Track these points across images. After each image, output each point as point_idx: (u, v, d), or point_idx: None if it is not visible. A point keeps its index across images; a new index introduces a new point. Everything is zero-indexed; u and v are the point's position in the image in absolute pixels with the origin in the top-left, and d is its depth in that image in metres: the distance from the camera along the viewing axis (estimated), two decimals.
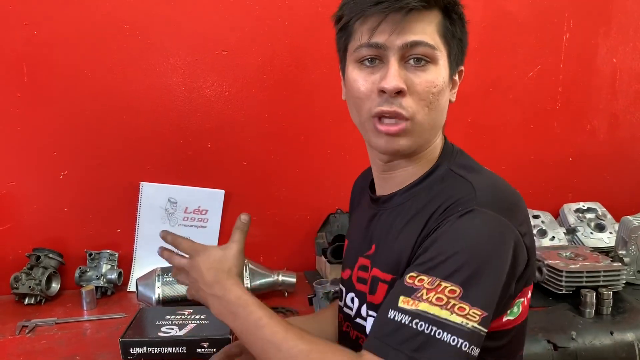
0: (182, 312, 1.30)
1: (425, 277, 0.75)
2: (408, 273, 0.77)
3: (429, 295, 0.73)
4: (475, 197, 0.80)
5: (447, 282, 0.73)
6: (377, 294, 0.88)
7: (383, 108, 0.83)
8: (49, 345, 1.26)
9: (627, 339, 1.26)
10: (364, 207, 1.05)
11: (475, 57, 1.80)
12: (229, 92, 1.65)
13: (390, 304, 0.76)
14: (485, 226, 0.78)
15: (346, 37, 0.89)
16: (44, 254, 1.53)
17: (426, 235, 0.81)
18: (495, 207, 0.79)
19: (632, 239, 1.53)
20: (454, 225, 0.78)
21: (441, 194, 0.85)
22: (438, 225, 0.80)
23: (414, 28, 0.81)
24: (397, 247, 0.87)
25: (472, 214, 0.78)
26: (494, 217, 0.78)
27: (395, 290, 0.78)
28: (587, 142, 1.96)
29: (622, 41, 1.90)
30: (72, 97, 1.56)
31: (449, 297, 0.73)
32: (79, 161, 1.59)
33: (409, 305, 0.74)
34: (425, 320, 0.72)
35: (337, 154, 1.73)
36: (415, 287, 0.75)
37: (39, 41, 1.51)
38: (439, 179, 0.89)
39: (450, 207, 0.81)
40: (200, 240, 1.66)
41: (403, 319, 0.73)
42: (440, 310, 0.72)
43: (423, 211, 0.85)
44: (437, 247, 0.77)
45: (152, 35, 1.58)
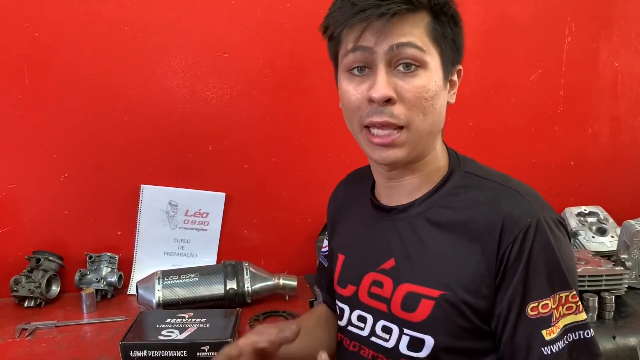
0: (182, 315, 1.30)
1: (547, 300, 0.80)
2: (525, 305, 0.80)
3: (559, 311, 0.80)
4: (531, 205, 0.83)
5: (564, 292, 0.81)
6: (419, 312, 0.86)
7: (373, 119, 0.83)
8: (48, 348, 1.25)
9: (630, 344, 1.26)
10: (361, 217, 1.01)
11: (477, 61, 1.80)
12: (230, 94, 1.65)
13: (537, 343, 0.79)
14: (554, 228, 0.82)
15: (335, 45, 0.89)
16: (44, 257, 1.52)
17: (496, 256, 0.81)
18: (545, 208, 0.85)
19: (634, 243, 1.53)
20: (536, 241, 0.80)
21: (488, 209, 0.84)
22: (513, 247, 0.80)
23: (399, 31, 0.80)
24: (447, 264, 0.85)
25: (542, 224, 0.81)
26: (552, 218, 0.83)
27: (525, 328, 0.80)
28: (589, 146, 1.96)
29: (624, 45, 1.90)
30: (72, 99, 1.55)
31: (573, 302, 0.81)
32: (79, 163, 1.59)
33: (555, 332, 0.80)
34: (571, 330, 0.81)
35: (338, 157, 1.72)
36: (545, 316, 0.80)
37: (40, 43, 1.51)
38: (458, 184, 0.89)
39: (508, 223, 0.81)
40: (201, 243, 1.68)
41: (559, 346, 0.79)
42: (575, 316, 0.81)
43: (471, 228, 0.84)
44: (533, 269, 0.80)
45: (153, 37, 1.58)
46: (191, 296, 1.43)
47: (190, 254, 1.69)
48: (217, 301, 1.44)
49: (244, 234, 1.72)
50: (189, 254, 1.68)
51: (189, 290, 1.43)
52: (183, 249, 1.68)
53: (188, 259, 1.68)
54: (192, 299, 1.43)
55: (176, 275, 1.45)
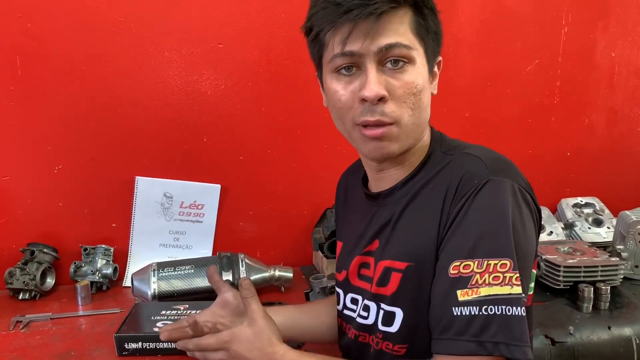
0: (177, 307, 1.29)
1: (470, 262, 0.76)
2: (448, 263, 0.77)
3: (483, 278, 0.74)
4: (486, 167, 0.81)
5: (494, 259, 0.75)
6: (390, 285, 0.87)
7: (366, 118, 0.83)
8: (43, 340, 1.25)
9: (625, 334, 1.26)
10: (357, 206, 1.03)
11: (473, 51, 1.79)
12: (225, 85, 1.64)
13: (449, 301, 0.76)
14: (507, 193, 0.78)
15: (319, 48, 0.87)
16: (38, 249, 1.51)
17: (447, 219, 0.80)
18: (506, 173, 0.81)
19: (630, 233, 1.53)
20: (476, 200, 0.78)
21: (446, 174, 0.85)
22: (459, 204, 0.79)
23: (386, 31, 0.80)
24: (411, 236, 0.86)
25: (491, 184, 0.78)
26: (510, 183, 0.79)
27: (443, 286, 0.78)
28: (585, 137, 1.96)
29: (621, 35, 1.89)
30: (66, 90, 1.54)
31: (503, 273, 0.74)
32: (73, 155, 1.58)
33: (470, 295, 0.74)
34: (493, 302, 0.73)
35: (333, 149, 1.72)
36: (464, 276, 0.75)
37: (32, 34, 1.49)
38: (435, 164, 0.89)
39: (462, 183, 0.80)
40: (196, 235, 1.67)
41: (471, 311, 0.74)
42: (501, 288, 0.74)
43: (432, 196, 0.85)
44: (467, 227, 0.78)
45: (148, 28, 1.56)
46: (186, 288, 1.43)
47: (185, 246, 1.68)
48: (213, 293, 1.40)
49: (239, 226, 1.72)
50: (184, 246, 1.68)
51: (184, 282, 1.43)
52: (178, 240, 1.68)
53: (183, 251, 1.68)
54: (187, 291, 1.42)
55: (171, 267, 1.45)
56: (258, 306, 0.91)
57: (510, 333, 0.72)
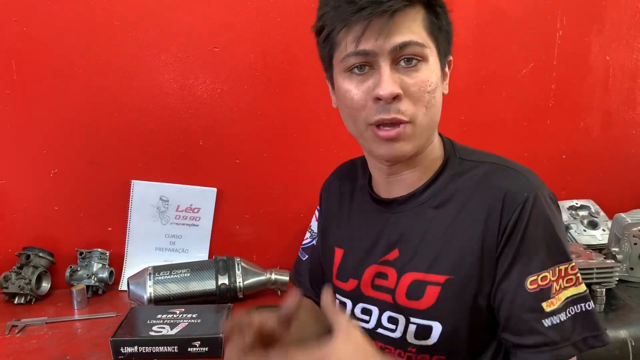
0: (173, 311, 1.29)
1: (546, 273, 0.80)
2: (523, 280, 0.80)
3: (559, 283, 0.80)
4: (528, 180, 0.84)
5: (562, 265, 0.81)
6: (425, 298, 0.86)
7: (382, 116, 0.82)
8: (39, 345, 1.25)
9: (620, 336, 1.26)
10: (360, 212, 1.00)
11: (469, 54, 1.80)
12: (221, 89, 1.64)
13: (538, 316, 0.79)
14: (550, 203, 0.83)
15: (330, 48, 0.87)
16: (34, 253, 1.51)
17: (498, 233, 0.82)
18: (540, 183, 0.85)
19: (625, 236, 1.53)
20: (532, 215, 0.81)
21: (484, 188, 0.85)
22: (511, 220, 0.81)
23: (400, 29, 0.79)
24: (452, 248, 0.85)
25: (539, 197, 0.82)
26: (548, 192, 0.84)
27: (525, 302, 0.80)
28: (581, 140, 1.96)
29: (615, 39, 1.90)
30: (62, 94, 1.54)
31: (573, 274, 0.81)
32: (69, 159, 1.58)
33: (555, 304, 0.79)
34: (573, 303, 0.80)
35: (330, 152, 1.72)
36: (545, 287, 0.79)
37: (28, 37, 1.50)
38: (455, 170, 0.90)
39: (507, 198, 0.82)
40: (193, 238, 1.67)
41: (560, 318, 0.79)
42: (576, 288, 0.81)
43: (472, 209, 0.85)
44: (532, 242, 0.81)
45: (143, 31, 1.56)
46: (183, 292, 1.43)
47: (181, 250, 1.68)
48: (209, 297, 1.44)
49: (235, 229, 1.72)
50: (180, 250, 1.68)
51: (180, 285, 1.43)
52: (174, 244, 1.68)
53: (179, 255, 1.67)
54: (183, 295, 1.42)
55: (167, 271, 1.45)
56: (348, 320, 0.73)
57: (593, 325, 0.80)
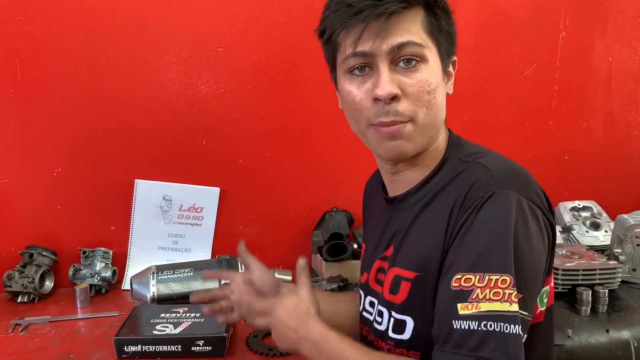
0: (177, 310, 1.29)
1: (472, 276, 0.75)
2: (451, 275, 0.77)
3: (484, 293, 0.73)
4: (492, 178, 0.80)
5: (495, 275, 0.74)
6: (400, 293, 0.87)
7: (381, 119, 0.83)
8: (42, 343, 1.25)
9: (623, 337, 1.26)
10: (379, 211, 1.04)
11: (472, 55, 1.80)
12: (224, 89, 1.65)
13: (449, 314, 0.75)
14: (511, 207, 0.77)
15: (332, 50, 0.89)
16: (37, 252, 1.51)
17: (453, 230, 0.80)
18: (514, 186, 0.79)
19: (628, 237, 1.53)
20: (480, 213, 0.77)
21: (457, 184, 0.84)
22: (464, 215, 0.79)
23: (397, 30, 0.81)
24: (421, 245, 0.86)
25: (495, 198, 0.77)
26: (516, 196, 0.77)
27: (444, 298, 0.77)
28: (583, 141, 1.96)
29: (618, 40, 1.90)
30: (65, 93, 1.55)
31: (503, 289, 0.73)
32: (72, 158, 1.58)
33: (470, 309, 0.74)
34: (492, 319, 0.72)
35: (332, 152, 1.72)
36: (466, 289, 0.75)
37: (32, 37, 1.50)
38: (450, 170, 0.89)
39: (469, 194, 0.80)
40: (195, 238, 1.67)
41: (470, 325, 0.73)
42: (501, 304, 0.73)
43: (442, 205, 0.84)
44: (471, 241, 0.77)
45: (147, 31, 1.57)
46: (186, 291, 1.42)
47: (184, 249, 1.68)
48: None
49: (238, 229, 1.72)
50: (183, 249, 1.68)
51: (183, 285, 1.43)
52: (177, 243, 1.68)
53: (182, 254, 1.68)
54: (186, 294, 1.42)
55: (170, 270, 1.45)
56: (307, 280, 0.93)
57: (507, 350, 0.71)
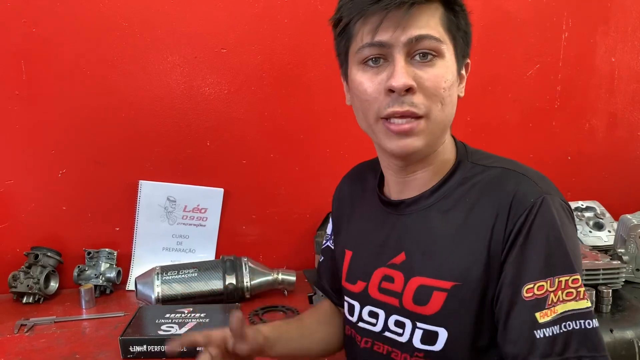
0: (182, 310, 1.30)
1: (543, 282, 0.76)
2: (520, 287, 0.77)
3: (557, 295, 0.75)
4: (537, 185, 0.81)
5: (564, 276, 0.76)
6: (431, 304, 0.85)
7: (394, 109, 0.80)
8: (48, 344, 1.25)
9: (627, 337, 1.26)
10: (368, 213, 1.00)
11: (474, 56, 1.77)
12: (228, 90, 1.65)
13: (529, 326, 0.76)
14: (560, 210, 0.79)
15: (347, 40, 0.86)
16: (42, 253, 1.52)
17: (504, 240, 0.80)
18: (553, 190, 0.82)
19: (631, 237, 1.54)
20: (536, 221, 0.78)
21: (493, 192, 0.83)
22: (516, 226, 0.79)
23: (417, 22, 0.79)
24: (459, 254, 0.84)
25: (545, 204, 0.79)
26: (559, 199, 0.81)
27: (519, 312, 0.77)
28: (586, 141, 1.97)
29: (621, 40, 1.90)
30: (70, 94, 1.55)
31: (575, 288, 0.75)
32: (77, 159, 1.59)
33: (549, 316, 0.75)
34: (571, 318, 0.74)
35: (336, 153, 1.72)
36: (540, 297, 0.76)
37: (37, 38, 1.50)
38: (467, 174, 0.88)
39: (514, 203, 0.80)
40: (200, 238, 1.67)
41: (553, 331, 0.74)
42: (576, 303, 0.74)
43: (479, 214, 0.83)
44: (532, 249, 0.78)
45: (151, 32, 1.57)
46: (190, 291, 1.43)
47: (188, 250, 1.69)
48: (216, 296, 1.44)
49: (242, 230, 1.73)
50: (187, 250, 1.69)
51: (187, 285, 1.43)
52: (181, 244, 1.68)
53: (186, 255, 1.68)
54: (191, 294, 1.43)
55: (175, 271, 1.45)
56: None
57: (592, 345, 0.73)
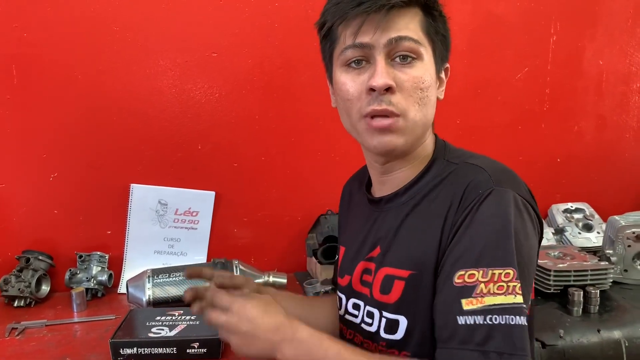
0: (172, 313, 1.30)
1: (475, 271, 0.76)
2: (453, 272, 0.78)
3: (488, 287, 0.75)
4: (490, 177, 0.82)
5: (498, 269, 0.76)
6: (393, 293, 0.88)
7: (374, 107, 0.84)
8: (38, 347, 1.25)
9: (614, 337, 1.27)
10: (360, 211, 1.04)
11: (464, 59, 1.82)
12: (219, 93, 1.66)
13: (453, 311, 0.76)
14: (509, 204, 0.79)
15: (331, 43, 0.90)
16: (33, 256, 1.52)
17: (452, 228, 0.81)
18: (509, 184, 0.82)
19: (619, 238, 1.55)
20: (480, 210, 0.79)
21: (451, 184, 0.86)
22: (463, 214, 0.80)
23: (396, 25, 0.83)
24: (414, 244, 0.87)
25: (494, 195, 0.80)
26: (512, 194, 0.80)
27: (447, 295, 0.78)
28: (575, 143, 1.98)
29: (608, 43, 1.92)
30: (62, 99, 1.56)
31: (507, 282, 0.75)
32: (69, 163, 1.59)
33: (475, 304, 0.75)
34: (497, 312, 0.74)
35: (327, 155, 1.73)
36: (469, 285, 0.76)
37: (28, 43, 1.51)
38: (438, 171, 0.91)
39: (466, 193, 0.82)
40: (191, 241, 1.68)
41: (476, 320, 0.74)
42: (505, 297, 0.74)
43: (436, 204, 0.86)
44: (472, 237, 0.79)
45: (142, 37, 1.58)
46: (181, 294, 1.42)
47: (180, 253, 1.69)
48: None
49: (233, 232, 1.73)
50: (179, 253, 1.69)
51: (179, 288, 1.43)
52: (173, 247, 1.69)
53: (178, 258, 1.68)
54: (182, 297, 1.42)
55: (166, 274, 1.45)
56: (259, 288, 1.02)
57: (513, 343, 0.73)
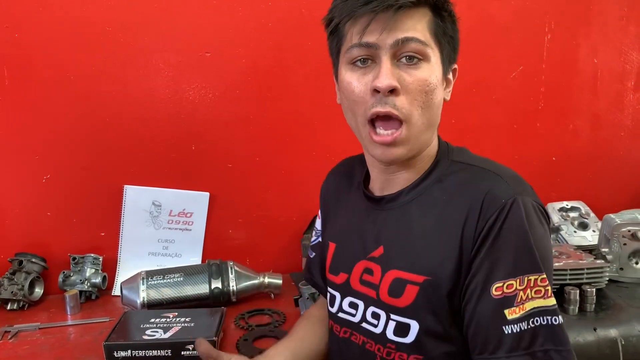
0: (167, 315, 1.30)
1: (512, 281, 0.79)
2: (489, 285, 0.79)
3: (526, 293, 0.78)
4: (509, 185, 0.83)
5: (533, 275, 0.79)
6: (405, 297, 0.87)
7: (377, 109, 0.83)
8: (32, 350, 1.25)
9: (610, 335, 1.27)
10: (353, 208, 1.03)
11: (458, 58, 1.80)
12: (213, 94, 1.65)
13: (498, 322, 0.78)
14: (531, 212, 0.82)
15: (338, 40, 0.89)
16: (26, 259, 1.51)
17: (474, 238, 0.82)
18: (526, 192, 0.84)
19: (615, 236, 1.55)
20: (507, 222, 0.80)
21: (467, 191, 0.86)
22: (486, 225, 0.81)
23: (404, 25, 0.82)
24: (430, 249, 0.86)
25: (517, 204, 0.81)
26: (531, 201, 0.83)
27: (488, 307, 0.80)
28: (570, 142, 1.98)
29: (603, 42, 1.92)
30: (54, 100, 1.55)
31: (543, 287, 0.79)
32: (61, 164, 1.58)
33: (518, 313, 0.78)
34: (538, 314, 0.78)
35: (322, 155, 1.73)
36: (509, 295, 0.78)
37: (20, 44, 1.50)
38: (443, 171, 0.91)
39: (485, 202, 0.82)
40: (186, 243, 1.67)
41: (521, 327, 0.77)
42: (543, 300, 0.78)
43: (452, 211, 0.85)
44: (502, 248, 0.80)
45: (135, 37, 1.57)
46: (176, 296, 1.43)
47: (174, 254, 1.68)
48: (202, 300, 1.44)
49: (228, 233, 1.72)
50: (173, 254, 1.68)
51: (173, 290, 1.43)
52: (167, 249, 1.68)
53: (173, 259, 1.68)
54: (177, 299, 1.43)
55: (160, 276, 1.45)
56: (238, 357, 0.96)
57: (558, 339, 0.77)
